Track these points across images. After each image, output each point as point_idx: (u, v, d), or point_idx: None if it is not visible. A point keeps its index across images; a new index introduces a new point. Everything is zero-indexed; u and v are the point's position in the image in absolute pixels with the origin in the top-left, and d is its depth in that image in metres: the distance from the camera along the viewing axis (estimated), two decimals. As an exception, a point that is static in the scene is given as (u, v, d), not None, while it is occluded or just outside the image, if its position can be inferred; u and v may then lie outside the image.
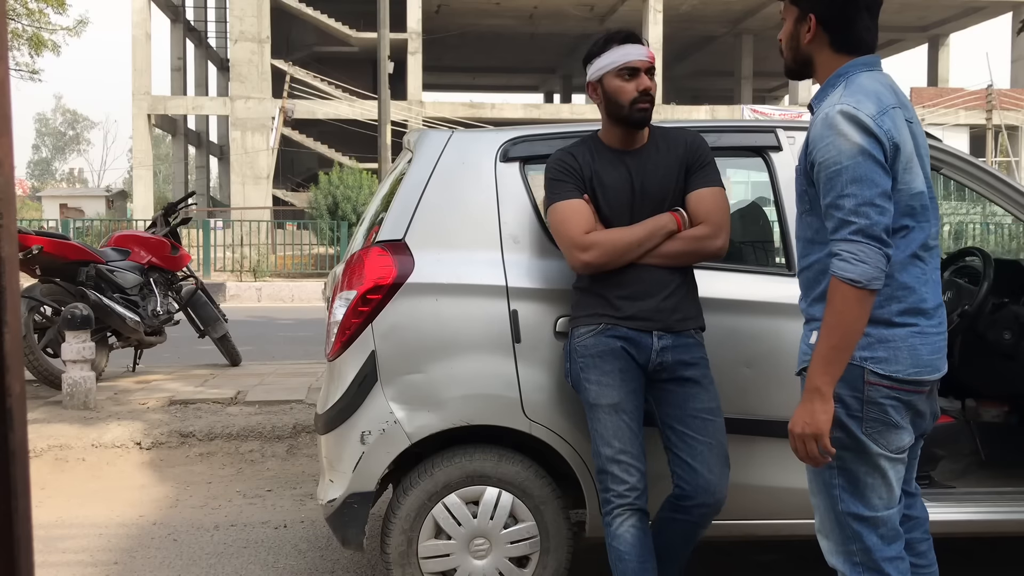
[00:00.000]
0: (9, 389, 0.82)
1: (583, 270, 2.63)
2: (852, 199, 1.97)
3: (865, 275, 1.95)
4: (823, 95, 2.15)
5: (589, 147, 2.72)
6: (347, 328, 2.82)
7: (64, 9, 20.10)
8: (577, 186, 2.65)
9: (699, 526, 2.66)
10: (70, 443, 4.94)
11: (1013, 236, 18.96)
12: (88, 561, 3.64)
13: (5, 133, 0.83)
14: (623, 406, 2.58)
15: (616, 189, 2.65)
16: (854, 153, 1.98)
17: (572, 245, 2.60)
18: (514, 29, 33.14)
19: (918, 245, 2.09)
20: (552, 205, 2.67)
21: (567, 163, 2.68)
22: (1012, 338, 3.33)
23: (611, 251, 2.58)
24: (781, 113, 29.21)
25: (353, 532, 2.87)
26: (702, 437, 2.60)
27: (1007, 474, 3.34)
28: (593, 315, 2.63)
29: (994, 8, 31.48)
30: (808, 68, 2.22)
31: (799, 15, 2.18)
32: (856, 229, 1.96)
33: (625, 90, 2.62)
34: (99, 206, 37.13)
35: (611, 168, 2.67)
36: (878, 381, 2.05)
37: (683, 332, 2.63)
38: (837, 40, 2.15)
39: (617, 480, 2.57)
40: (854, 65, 2.13)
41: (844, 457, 2.10)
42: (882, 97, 2.05)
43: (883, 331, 2.06)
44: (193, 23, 35.76)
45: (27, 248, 5.85)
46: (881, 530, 2.12)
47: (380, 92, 16.27)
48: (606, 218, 2.65)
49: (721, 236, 2.63)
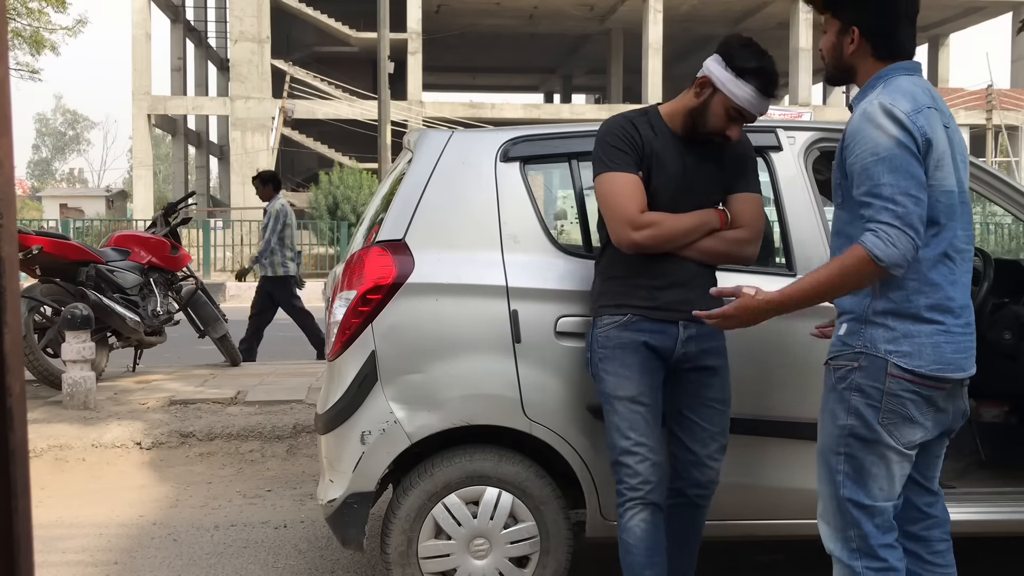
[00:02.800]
0: (9, 389, 0.82)
1: (629, 248, 2.57)
2: (889, 188, 2.04)
3: (892, 258, 2.03)
4: (863, 95, 2.21)
5: (651, 122, 2.64)
6: (347, 328, 2.82)
7: (64, 9, 20.10)
8: (635, 160, 2.57)
9: (697, 507, 2.71)
10: (70, 443, 4.94)
11: (1013, 236, 18.96)
12: (88, 561, 3.64)
13: (5, 133, 0.83)
14: (640, 399, 2.58)
15: (672, 175, 2.60)
16: (891, 145, 2.05)
17: (625, 221, 2.54)
18: (514, 29, 33.13)
19: (947, 244, 2.15)
20: (606, 173, 2.58)
21: (629, 133, 2.60)
22: (1012, 338, 3.33)
23: (665, 235, 2.55)
24: (781, 113, 29.17)
25: (353, 532, 2.87)
26: (710, 427, 2.64)
27: (1007, 474, 3.35)
28: (620, 305, 2.62)
29: (994, 8, 31.47)
30: (850, 75, 2.30)
31: (841, 27, 2.25)
32: (894, 215, 2.02)
33: (722, 122, 2.55)
34: (99, 206, 37.15)
35: (672, 153, 2.61)
36: (900, 374, 2.12)
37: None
38: (879, 48, 2.22)
39: (631, 473, 2.57)
40: (894, 68, 2.20)
41: (853, 445, 2.18)
42: (918, 97, 2.13)
43: (909, 326, 2.12)
44: (193, 23, 35.74)
45: (27, 248, 5.84)
46: (877, 519, 2.19)
47: (380, 92, 16.27)
48: (650, 200, 2.59)
49: (756, 242, 2.67)
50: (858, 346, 2.17)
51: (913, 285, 2.12)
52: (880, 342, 2.13)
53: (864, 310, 2.17)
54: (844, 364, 2.20)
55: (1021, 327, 3.32)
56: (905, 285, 2.12)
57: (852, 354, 2.18)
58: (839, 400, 2.20)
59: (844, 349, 2.21)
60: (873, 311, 2.15)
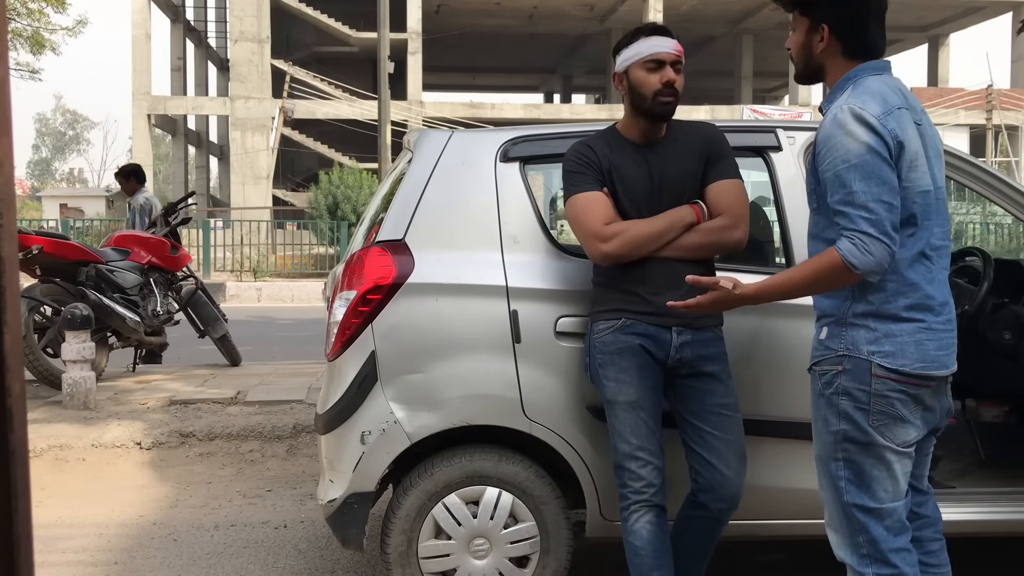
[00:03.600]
0: (9, 389, 0.82)
1: (603, 261, 2.63)
2: (862, 195, 2.03)
3: (867, 265, 2.03)
4: (832, 98, 2.20)
5: (607, 140, 2.72)
6: (347, 328, 2.82)
7: (64, 9, 20.10)
8: (596, 178, 2.65)
9: (718, 522, 2.66)
10: (70, 443, 4.94)
11: (1013, 236, 18.95)
12: (88, 561, 3.64)
13: (5, 133, 0.83)
14: (641, 403, 2.58)
15: (635, 181, 2.65)
16: (862, 151, 2.04)
17: (592, 235, 2.60)
18: (514, 29, 33.13)
19: (924, 244, 2.14)
20: (571, 197, 2.66)
21: (585, 155, 2.68)
22: (1012, 338, 3.33)
23: (631, 241, 2.58)
24: (781, 113, 29.21)
25: (353, 532, 2.87)
26: (719, 433, 2.62)
27: (1007, 474, 3.34)
28: (613, 310, 2.63)
29: (994, 8, 31.48)
30: (819, 74, 2.28)
31: (811, 25, 2.24)
32: (869, 223, 2.02)
33: (649, 81, 2.61)
34: (99, 206, 37.18)
35: (630, 161, 2.67)
36: (884, 375, 2.10)
37: (703, 328, 2.64)
38: (849, 47, 2.21)
39: (634, 476, 2.58)
40: (863, 69, 2.19)
41: (850, 449, 2.15)
42: (888, 98, 2.11)
43: (890, 326, 2.11)
44: (193, 23, 35.75)
45: (27, 248, 5.84)
46: (887, 521, 2.15)
47: (380, 92, 16.27)
48: (624, 211, 2.64)
49: (740, 227, 2.64)
50: (840, 349, 2.15)
51: (892, 287, 2.11)
52: (862, 343, 2.12)
53: (844, 313, 2.16)
54: (828, 368, 2.18)
55: (1021, 327, 3.32)
56: (884, 287, 2.11)
57: (835, 357, 2.16)
58: (828, 405, 2.18)
59: (826, 353, 2.19)
60: (853, 313, 2.14)
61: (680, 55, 2.66)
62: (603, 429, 2.72)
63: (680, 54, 2.66)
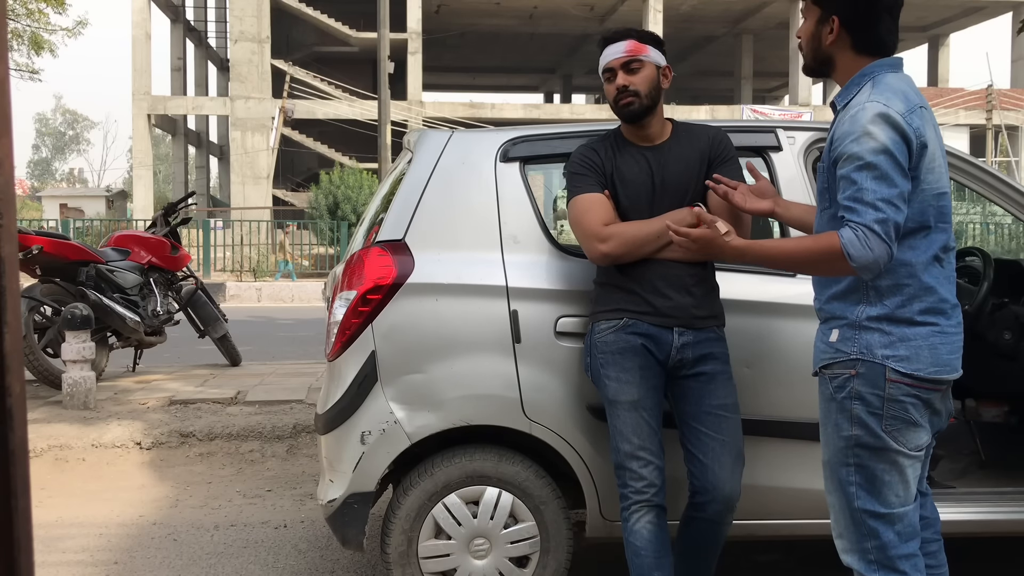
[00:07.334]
0: (9, 389, 0.82)
1: (601, 261, 2.64)
2: (873, 193, 2.00)
3: (864, 259, 2.00)
4: (848, 94, 2.17)
5: (611, 142, 2.75)
6: (347, 328, 2.82)
7: (64, 9, 20.09)
8: (598, 180, 2.68)
9: (716, 524, 2.65)
10: (70, 443, 4.94)
11: (1013, 236, 18.96)
12: (88, 561, 3.64)
13: (5, 133, 0.83)
14: (642, 403, 2.59)
15: (636, 183, 2.66)
16: (879, 151, 2.01)
17: (591, 236, 2.62)
18: (514, 29, 33.14)
19: (939, 247, 2.12)
20: (573, 198, 2.69)
21: (588, 157, 2.71)
22: (1012, 338, 3.33)
23: (629, 242, 2.59)
24: (781, 113, 29.20)
25: (353, 532, 2.87)
26: (715, 434, 2.61)
27: (1007, 474, 3.35)
28: (615, 310, 2.64)
29: (994, 8, 31.48)
30: (827, 67, 2.25)
31: (821, 15, 2.20)
32: (875, 219, 2.00)
33: (609, 91, 2.71)
34: (99, 206, 37.16)
35: (631, 162, 2.69)
36: (899, 379, 2.08)
37: (704, 328, 2.64)
38: (859, 41, 2.17)
39: (635, 476, 2.58)
40: (880, 65, 2.15)
41: (862, 455, 2.12)
42: (909, 96, 2.08)
43: (905, 330, 2.08)
44: (193, 23, 35.76)
45: (27, 248, 5.84)
46: (898, 527, 2.13)
47: (380, 92, 16.27)
48: (625, 212, 2.66)
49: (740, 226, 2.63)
50: (853, 353, 2.11)
51: (909, 290, 2.08)
52: (876, 347, 2.08)
53: (857, 316, 2.12)
54: (840, 372, 2.14)
55: (1021, 327, 3.32)
56: (902, 291, 2.08)
57: (848, 361, 2.12)
58: (840, 410, 2.14)
59: (838, 356, 2.14)
60: (867, 317, 2.11)
61: (632, 53, 2.65)
62: (603, 429, 2.72)
63: (631, 52, 2.65)
